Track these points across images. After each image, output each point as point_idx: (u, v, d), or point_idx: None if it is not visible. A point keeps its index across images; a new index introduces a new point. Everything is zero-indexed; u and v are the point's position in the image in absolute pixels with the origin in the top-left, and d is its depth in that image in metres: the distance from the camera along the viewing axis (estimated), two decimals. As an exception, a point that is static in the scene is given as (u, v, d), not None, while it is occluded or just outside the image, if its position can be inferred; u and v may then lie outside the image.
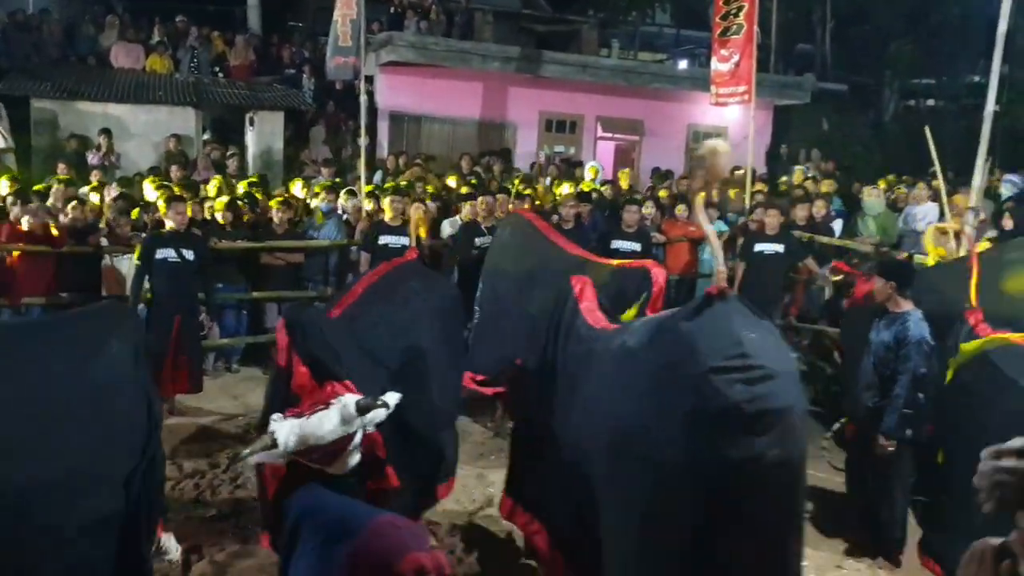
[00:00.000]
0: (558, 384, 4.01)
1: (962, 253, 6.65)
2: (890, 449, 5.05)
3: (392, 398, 3.65)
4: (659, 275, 4.56)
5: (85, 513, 2.95)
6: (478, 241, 8.38)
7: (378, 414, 3.55)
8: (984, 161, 8.02)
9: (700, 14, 21.82)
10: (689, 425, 2.84)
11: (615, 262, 5.18)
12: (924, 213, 10.14)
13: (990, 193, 10.63)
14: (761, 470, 2.81)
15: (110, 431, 3.13)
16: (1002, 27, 8.63)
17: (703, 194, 3.84)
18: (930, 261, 6.91)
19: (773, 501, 2.91)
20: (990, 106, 8.30)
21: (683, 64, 21.85)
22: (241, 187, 10.28)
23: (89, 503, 2.97)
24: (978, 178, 8.25)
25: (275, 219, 8.72)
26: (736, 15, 10.30)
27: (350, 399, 3.52)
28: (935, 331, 5.01)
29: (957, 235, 8.42)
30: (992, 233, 8.54)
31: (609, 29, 20.74)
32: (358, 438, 3.56)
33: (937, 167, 8.03)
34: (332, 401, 3.52)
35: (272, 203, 9.02)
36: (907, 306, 5.13)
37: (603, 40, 18.64)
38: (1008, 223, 8.87)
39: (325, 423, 3.42)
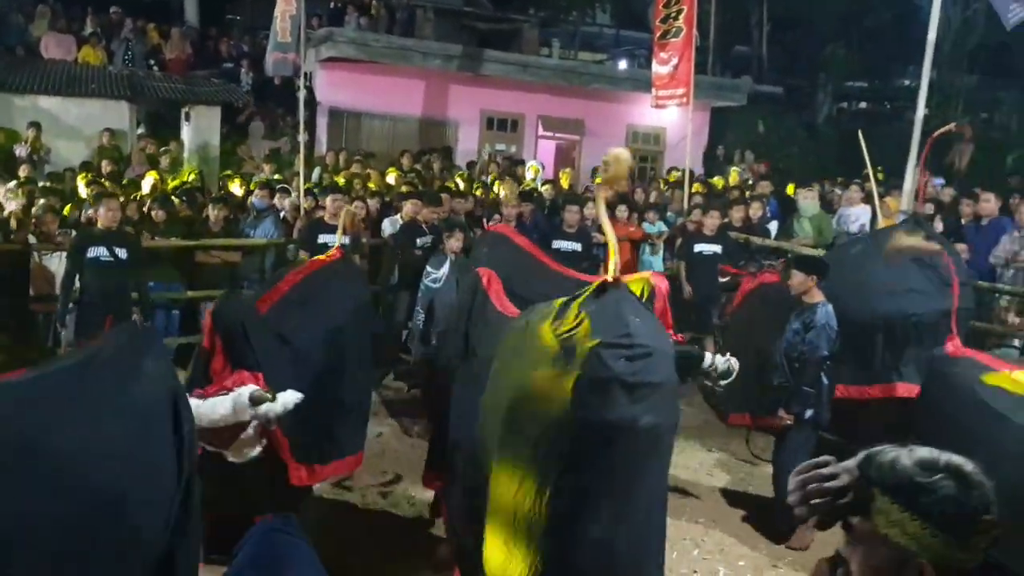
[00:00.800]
0: (473, 365, 4.30)
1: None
2: (787, 422, 5.43)
3: (290, 397, 3.69)
4: (661, 284, 4.29)
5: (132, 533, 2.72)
6: (419, 241, 8.34)
7: (271, 408, 3.59)
8: (915, 165, 8.25)
9: (640, 15, 22.07)
10: (579, 390, 3.27)
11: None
12: (857, 215, 10.39)
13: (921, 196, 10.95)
14: (635, 433, 3.29)
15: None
16: (931, 34, 8.88)
17: (604, 195, 4.21)
18: None
19: (643, 461, 3.40)
20: (920, 110, 8.54)
21: (623, 64, 22.06)
22: (181, 179, 10.08)
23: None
24: (909, 181, 8.49)
25: (211, 217, 8.57)
26: (676, 18, 10.44)
27: (246, 389, 3.59)
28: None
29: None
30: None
31: (550, 28, 20.83)
32: (251, 429, 3.63)
33: (869, 170, 8.24)
34: (233, 389, 3.63)
35: (215, 207, 8.83)
36: (820, 297, 5.53)
37: (544, 39, 18.72)
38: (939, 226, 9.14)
39: (218, 408, 3.51)
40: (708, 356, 4.60)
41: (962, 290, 5.88)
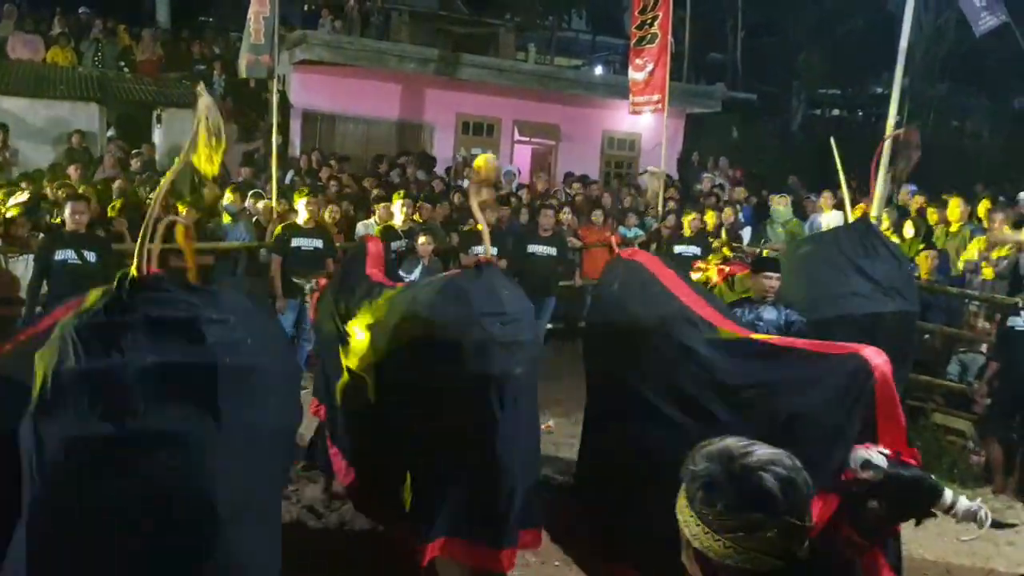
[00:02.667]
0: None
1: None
2: None
3: None
4: (879, 362, 3.71)
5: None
6: (394, 245, 8.29)
7: None
8: (886, 171, 8.32)
9: (616, 21, 22.16)
10: (465, 350, 4.06)
11: (802, 342, 4.26)
12: (829, 221, 10.46)
13: (892, 202, 11.05)
14: (511, 381, 4.10)
15: None
16: (903, 42, 8.97)
17: (478, 195, 5.12)
18: None
19: (517, 402, 4.18)
20: (892, 117, 8.62)
21: (599, 70, 22.12)
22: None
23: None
24: (880, 187, 8.56)
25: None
26: (651, 25, 10.47)
27: None
28: None
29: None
30: (896, 241, 8.86)
31: (526, 33, 20.84)
32: None
33: (841, 176, 8.29)
34: None
35: (180, 205, 8.74)
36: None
37: (520, 44, 18.73)
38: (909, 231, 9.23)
39: None
40: (948, 493, 3.61)
41: (906, 293, 5.89)
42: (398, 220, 8.65)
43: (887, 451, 3.59)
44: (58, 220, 8.02)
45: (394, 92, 15.27)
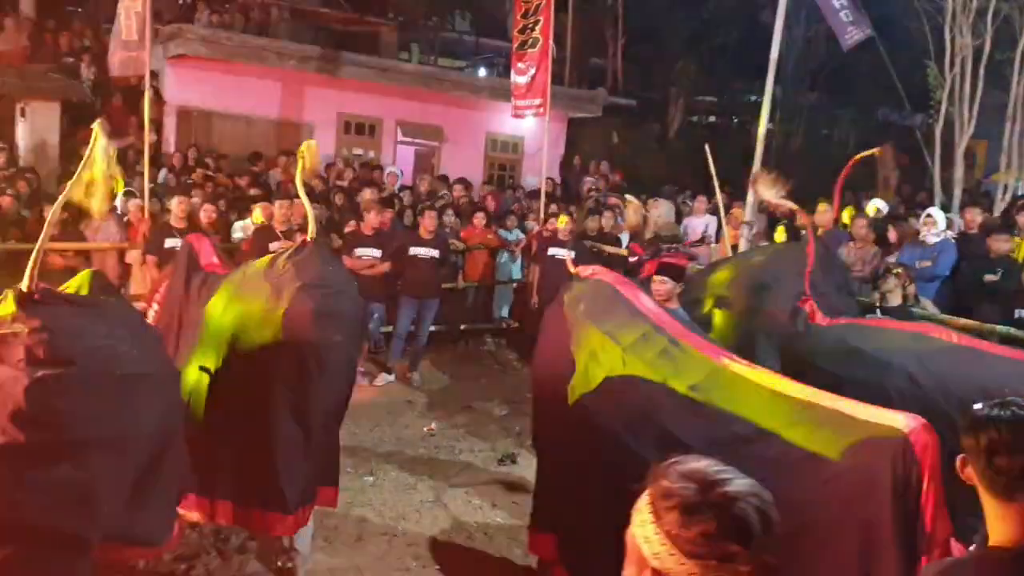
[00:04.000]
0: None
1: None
2: None
3: None
4: (924, 444, 2.89)
5: None
6: (272, 246, 8.14)
7: None
8: (754, 180, 8.71)
9: (499, 23, 22.31)
10: (293, 318, 4.45)
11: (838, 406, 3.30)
12: (703, 224, 10.87)
13: (763, 207, 11.55)
14: (332, 348, 4.54)
15: None
16: (774, 52, 9.42)
17: (303, 177, 5.38)
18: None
19: (332, 366, 4.60)
20: (763, 125, 9.04)
21: (482, 72, 22.26)
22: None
23: None
24: (751, 193, 8.96)
25: (48, 218, 8.08)
26: (533, 29, 10.63)
27: None
28: None
29: (735, 246, 9.12)
30: (764, 243, 9.27)
31: (409, 33, 20.78)
32: None
33: (715, 181, 8.64)
34: None
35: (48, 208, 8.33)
36: (677, 304, 5.39)
37: (403, 44, 18.65)
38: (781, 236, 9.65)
39: None
40: None
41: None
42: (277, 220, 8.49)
43: None
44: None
45: (274, 89, 14.96)
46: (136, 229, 8.56)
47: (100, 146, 3.43)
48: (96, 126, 3.51)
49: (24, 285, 3.09)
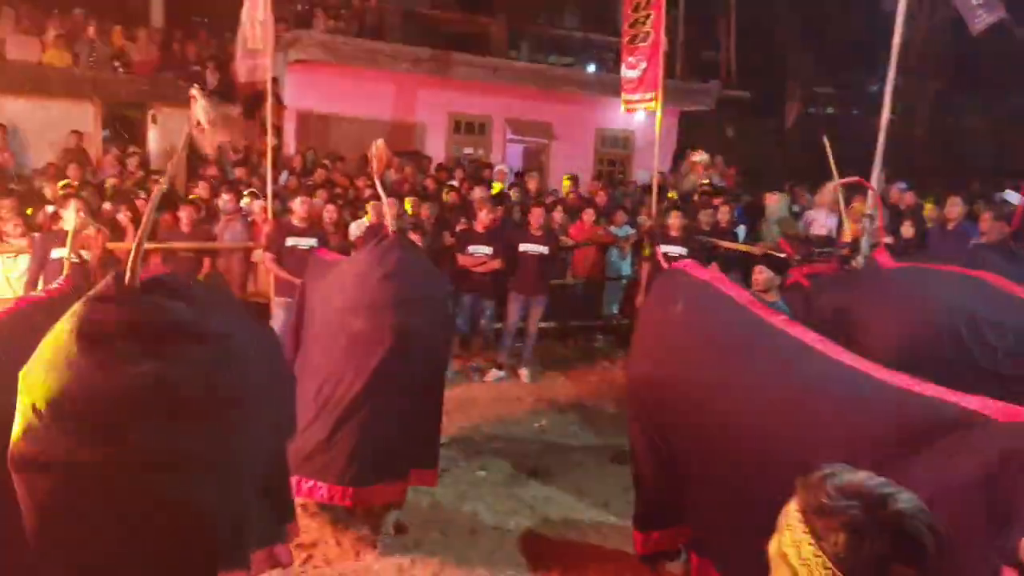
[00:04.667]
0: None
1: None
2: None
3: None
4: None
5: None
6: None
7: None
8: (880, 169, 8.36)
9: (609, 18, 22.14)
10: (376, 305, 4.91)
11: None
12: (823, 219, 10.51)
13: (886, 200, 11.08)
14: (412, 333, 4.90)
15: None
16: (896, 39, 9.02)
17: (377, 173, 6.08)
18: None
19: (424, 353, 5.07)
20: (885, 115, 8.67)
21: (592, 68, 22.15)
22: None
23: None
24: (874, 185, 8.60)
25: (182, 219, 8.48)
26: (644, 23, 10.50)
27: None
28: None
29: (856, 240, 8.77)
30: (888, 239, 8.90)
31: (519, 32, 20.85)
32: None
33: (835, 174, 8.33)
34: None
35: (185, 209, 8.71)
36: (777, 297, 5.49)
37: (513, 42, 18.72)
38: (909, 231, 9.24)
39: None
40: None
41: None
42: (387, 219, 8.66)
43: None
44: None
45: (387, 91, 15.29)
46: (260, 229, 8.89)
47: (200, 105, 3.56)
48: (195, 90, 3.53)
49: (128, 276, 2.80)
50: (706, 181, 12.74)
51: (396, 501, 5.26)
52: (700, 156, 11.51)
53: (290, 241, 8.08)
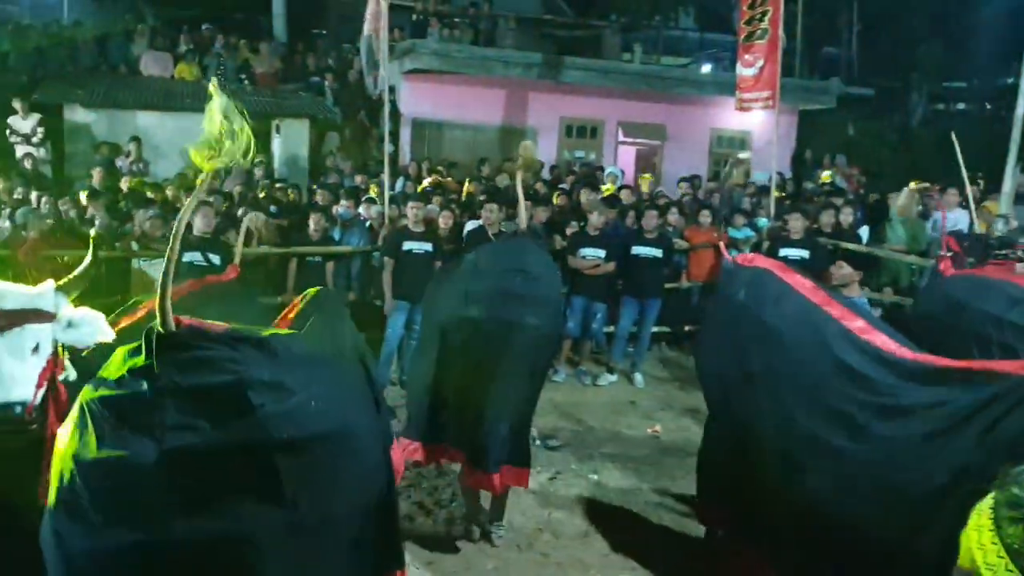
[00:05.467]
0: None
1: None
2: None
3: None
4: None
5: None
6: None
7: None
8: (1015, 166, 7.92)
9: (724, 18, 21.78)
10: (494, 297, 4.96)
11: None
12: (954, 220, 10.00)
13: (1021, 199, 10.48)
14: (525, 331, 4.90)
15: None
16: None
17: (520, 175, 5.73)
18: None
19: (534, 352, 5.03)
20: (1020, 109, 8.21)
21: (707, 68, 21.82)
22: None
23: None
24: (1008, 184, 8.16)
25: (312, 225, 8.73)
26: (761, 20, 10.27)
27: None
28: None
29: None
30: (1024, 240, 8.40)
31: (632, 33, 20.72)
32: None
33: (964, 173, 7.92)
34: None
35: (313, 216, 8.93)
36: (858, 292, 5.89)
37: (626, 44, 18.61)
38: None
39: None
40: None
41: None
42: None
43: None
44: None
45: (499, 97, 15.43)
46: (378, 234, 9.10)
47: (218, 104, 2.78)
48: (212, 85, 2.84)
49: (159, 323, 2.41)
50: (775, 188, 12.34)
51: (491, 494, 5.25)
52: (745, 154, 11.11)
53: (406, 246, 8.24)
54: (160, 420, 2.32)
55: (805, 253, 8.61)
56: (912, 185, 9.82)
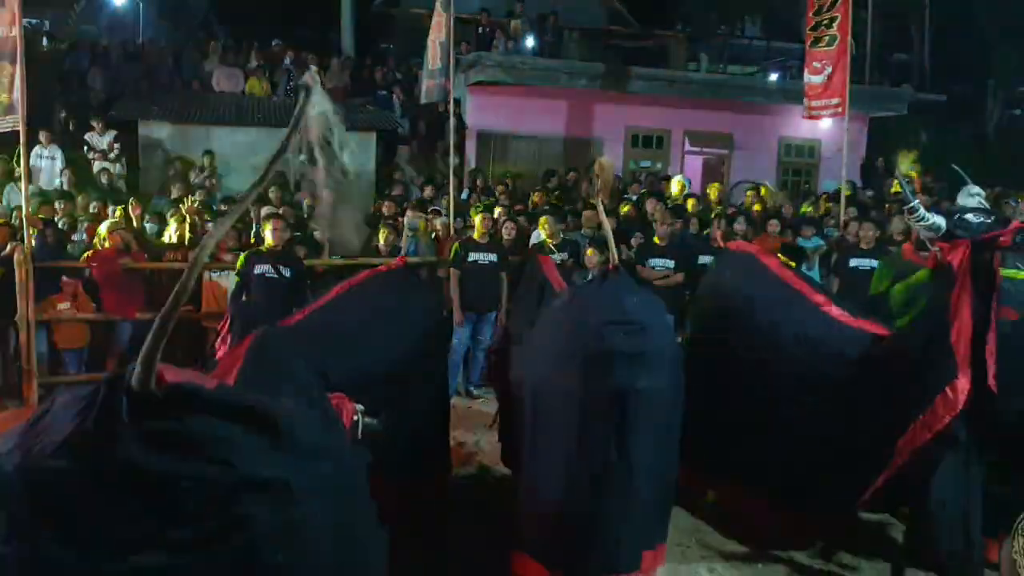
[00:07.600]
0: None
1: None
2: None
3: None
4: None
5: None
6: (556, 258, 8.38)
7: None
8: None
9: (791, 25, 21.47)
10: (587, 361, 4.08)
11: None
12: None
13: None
14: (638, 395, 4.06)
15: None
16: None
17: (601, 198, 5.35)
18: None
19: (646, 416, 4.13)
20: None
21: (774, 76, 21.56)
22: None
23: None
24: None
25: (380, 239, 8.83)
26: (829, 26, 10.14)
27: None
28: None
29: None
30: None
31: (698, 43, 20.56)
32: None
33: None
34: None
35: (383, 230, 9.01)
36: None
37: (692, 54, 18.49)
38: None
39: None
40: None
41: None
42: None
43: None
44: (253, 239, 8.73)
45: (563, 108, 15.46)
46: (444, 245, 9.18)
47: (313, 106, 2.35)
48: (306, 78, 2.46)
49: (136, 379, 1.80)
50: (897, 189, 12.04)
51: None
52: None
53: (471, 256, 8.31)
54: (101, 516, 1.61)
55: (875, 263, 8.38)
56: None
